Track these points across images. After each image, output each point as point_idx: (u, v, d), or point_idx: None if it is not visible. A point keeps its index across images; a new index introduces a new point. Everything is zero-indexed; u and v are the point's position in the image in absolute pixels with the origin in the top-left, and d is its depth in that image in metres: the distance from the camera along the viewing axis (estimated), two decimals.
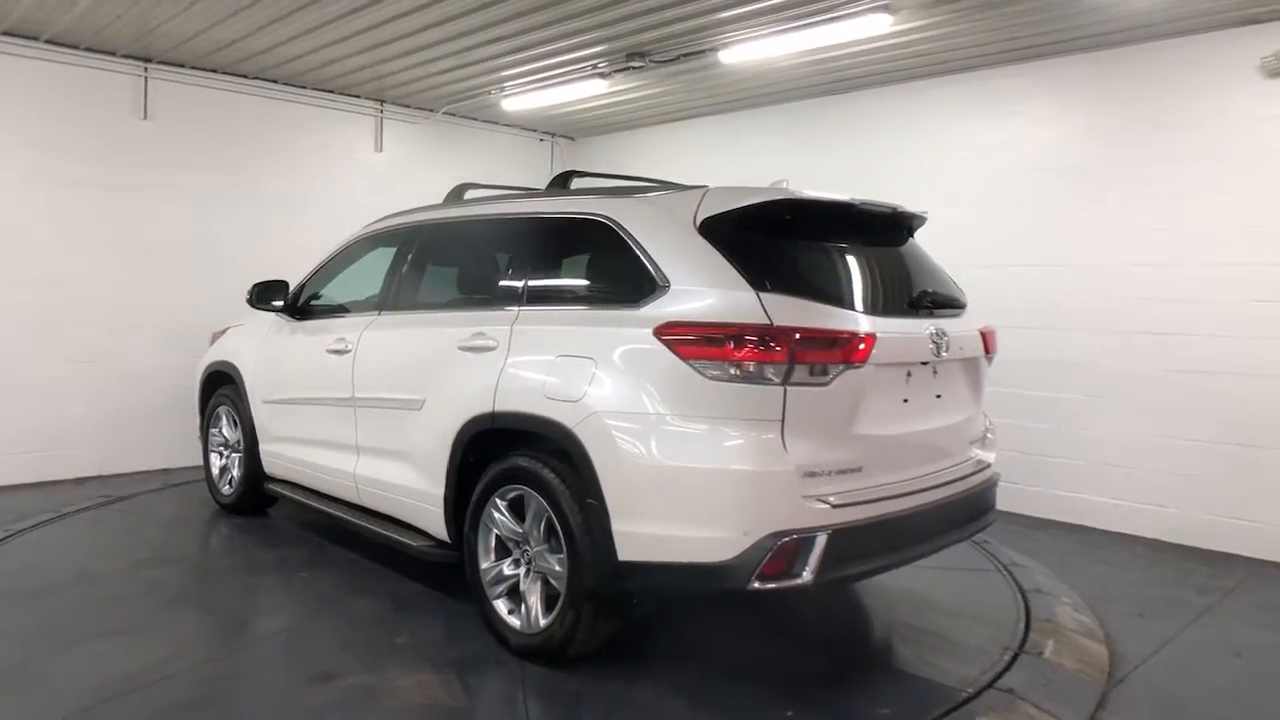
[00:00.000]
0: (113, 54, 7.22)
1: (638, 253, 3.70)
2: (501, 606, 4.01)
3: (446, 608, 4.51)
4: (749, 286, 3.38)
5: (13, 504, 6.27)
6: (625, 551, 3.46)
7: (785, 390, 3.27)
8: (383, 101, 8.87)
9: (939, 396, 3.92)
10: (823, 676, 3.89)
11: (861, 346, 3.38)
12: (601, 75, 7.51)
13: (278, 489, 5.66)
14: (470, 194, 5.25)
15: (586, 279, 4.13)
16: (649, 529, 3.42)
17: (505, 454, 3.98)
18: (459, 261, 4.83)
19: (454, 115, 9.25)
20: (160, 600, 4.52)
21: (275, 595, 4.80)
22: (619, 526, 3.47)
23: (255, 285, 5.47)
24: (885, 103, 7.76)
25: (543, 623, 3.81)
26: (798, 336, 3.26)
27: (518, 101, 8.42)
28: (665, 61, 7.08)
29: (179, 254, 7.62)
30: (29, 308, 6.96)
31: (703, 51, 6.80)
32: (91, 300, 7.22)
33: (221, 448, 6.24)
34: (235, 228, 7.90)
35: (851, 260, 3.85)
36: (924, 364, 3.74)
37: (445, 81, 7.98)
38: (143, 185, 7.43)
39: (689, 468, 3.34)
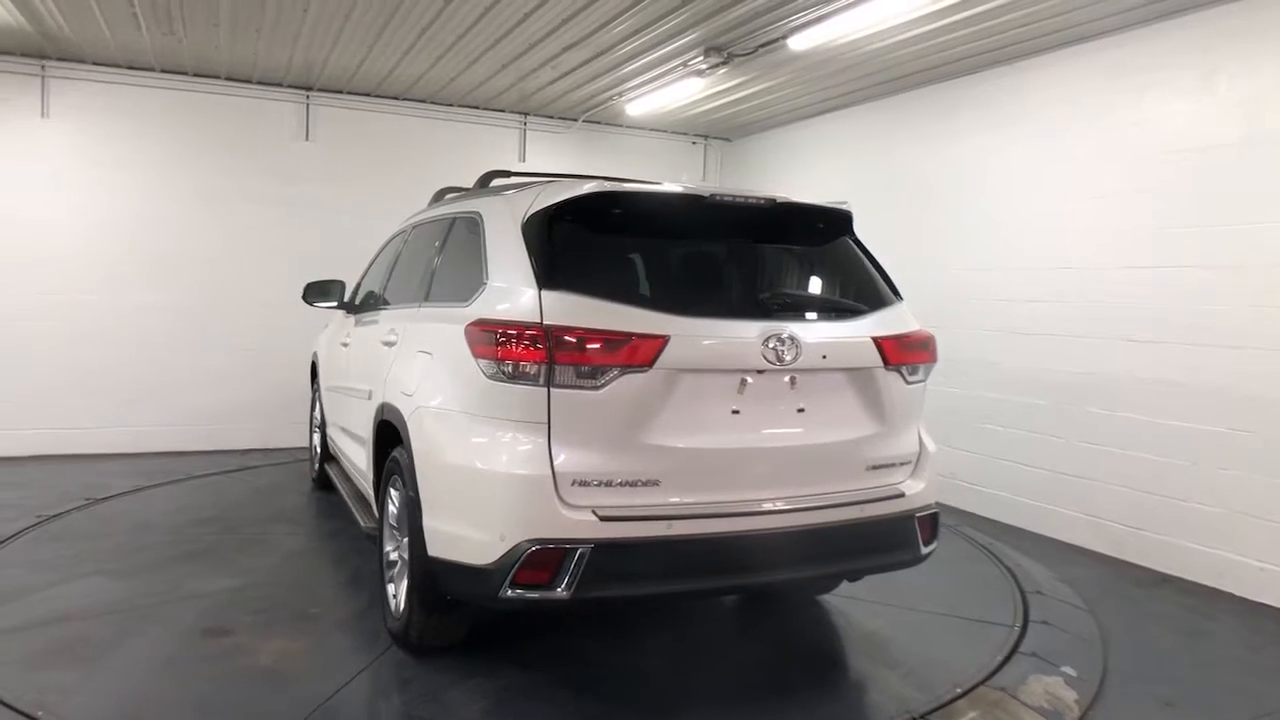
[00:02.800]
0: (279, 85, 8.37)
1: (480, 250, 3.70)
2: (390, 590, 4.17)
3: None
4: (535, 284, 3.25)
5: (170, 465, 7.52)
6: (432, 547, 3.47)
7: (549, 392, 3.11)
8: (526, 114, 9.38)
9: (801, 410, 3.46)
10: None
11: (640, 349, 3.11)
12: (697, 74, 7.39)
13: (330, 468, 6.28)
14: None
15: (453, 276, 4.17)
16: (444, 526, 3.41)
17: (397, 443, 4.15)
18: (409, 261, 5.07)
19: (597, 123, 9.53)
20: (180, 551, 5.25)
21: (260, 555, 5.29)
22: (426, 521, 3.49)
23: (307, 285, 6.10)
24: (1010, 81, 6.86)
25: (402, 610, 3.92)
26: (559, 336, 3.09)
27: (638, 106, 8.51)
28: (745, 55, 6.83)
29: (330, 259, 8.56)
30: (201, 306, 8.28)
31: (775, 40, 6.47)
32: (253, 299, 8.40)
33: (313, 430, 7.04)
34: (385, 235, 8.76)
35: (685, 257, 3.53)
36: (761, 373, 3.34)
37: (565, 89, 8.27)
38: (303, 199, 8.51)
39: (466, 466, 3.29)
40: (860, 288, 3.78)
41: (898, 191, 7.99)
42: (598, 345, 3.09)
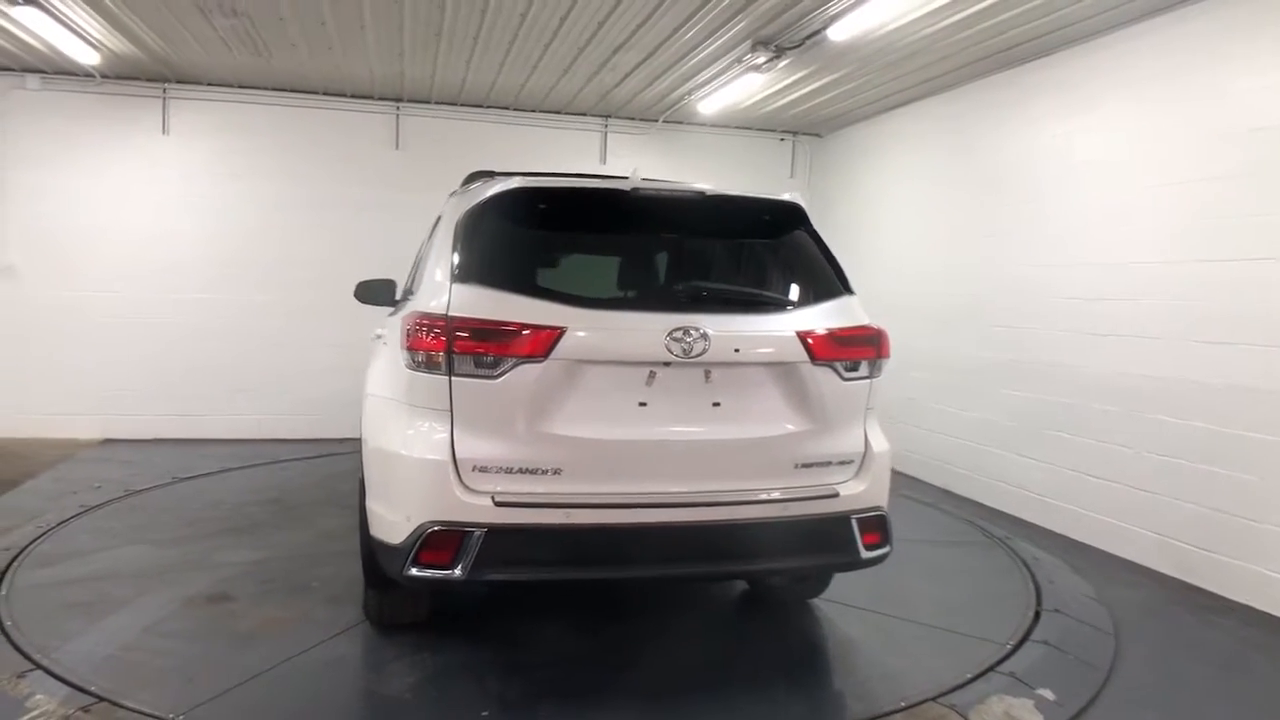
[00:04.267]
0: (370, 97, 8.94)
1: (434, 245, 3.87)
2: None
3: None
4: (450, 278, 3.39)
5: (264, 451, 8.20)
6: (371, 527, 3.66)
7: (450, 381, 3.23)
8: (607, 116, 9.55)
9: (716, 405, 3.41)
10: None
11: (534, 340, 3.18)
12: (755, 69, 7.32)
13: None
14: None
15: (418, 272, 4.34)
16: (375, 507, 3.58)
17: None
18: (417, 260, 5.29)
19: (679, 123, 9.58)
20: (226, 527, 5.75)
21: (296, 532, 5.70)
22: (368, 503, 3.68)
23: (358, 284, 6.46)
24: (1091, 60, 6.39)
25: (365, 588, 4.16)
26: (456, 328, 3.21)
27: (709, 105, 8.50)
28: (794, 47, 6.72)
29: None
30: (305, 305, 8.94)
31: (818, 32, 6.33)
32: (352, 298, 8.97)
33: None
34: None
35: (604, 250, 3.55)
36: (668, 365, 3.31)
37: (634, 91, 8.38)
38: (395, 204, 9.02)
39: (388, 450, 3.46)
40: (806, 281, 3.68)
41: (969, 185, 7.60)
42: (492, 336, 3.19)
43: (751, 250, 3.74)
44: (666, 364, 3.31)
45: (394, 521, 3.34)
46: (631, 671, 3.84)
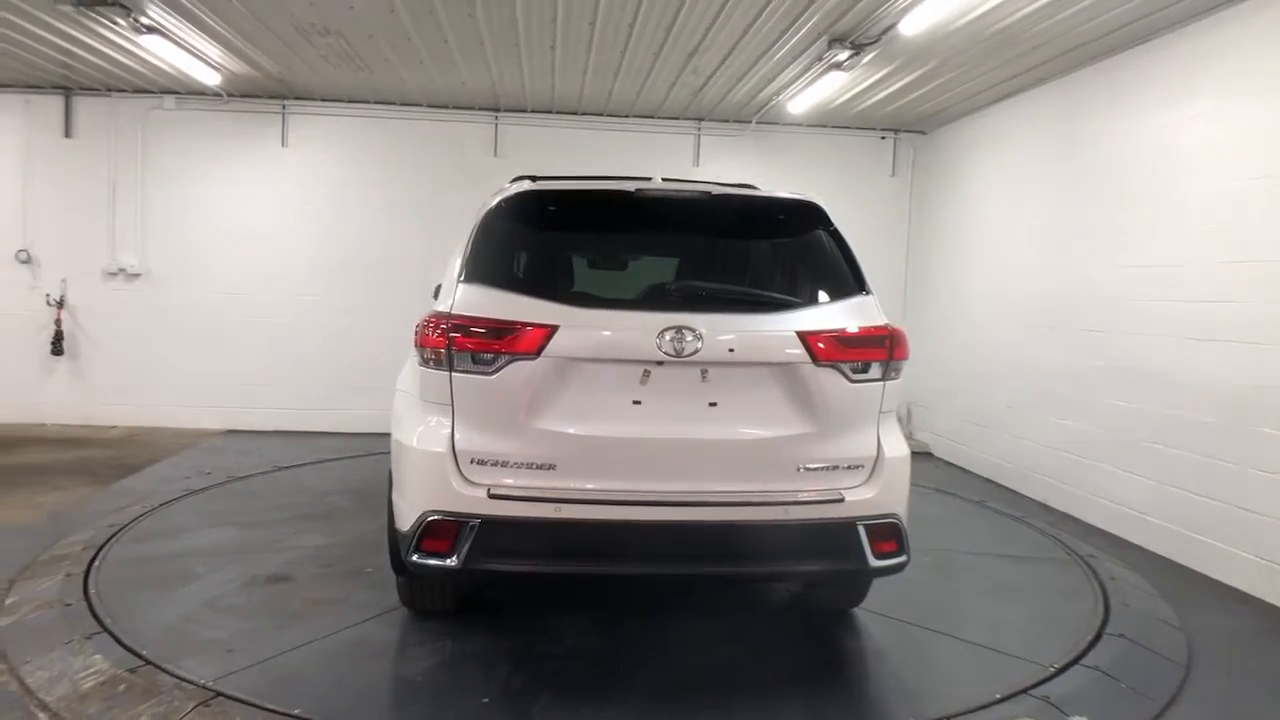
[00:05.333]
0: (470, 108, 9.31)
1: (459, 248, 4.02)
2: None
3: None
4: (459, 278, 3.52)
5: (366, 444, 8.64)
6: (395, 517, 3.85)
7: (451, 376, 3.36)
8: (700, 119, 9.56)
9: (713, 405, 3.39)
10: None
11: (526, 337, 3.26)
12: (836, 66, 7.17)
13: None
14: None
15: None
16: (394, 496, 3.77)
17: None
18: None
19: (773, 124, 9.47)
20: (306, 513, 6.12)
21: (366, 521, 5.85)
22: (392, 494, 3.86)
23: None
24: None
25: None
26: (454, 325, 3.33)
27: (798, 104, 8.38)
28: (871, 42, 6.56)
29: None
30: (409, 307, 9.33)
31: (892, 27, 6.17)
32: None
33: None
34: None
35: (605, 250, 3.58)
36: (662, 364, 3.32)
37: (721, 93, 8.37)
38: None
39: (403, 443, 3.62)
40: (818, 281, 3.60)
41: (1064, 182, 7.19)
42: (485, 333, 3.29)
43: (763, 249, 3.69)
44: (660, 363, 3.32)
45: (404, 510, 3.50)
46: (641, 671, 3.85)
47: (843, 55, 6.86)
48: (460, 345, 3.31)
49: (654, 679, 3.78)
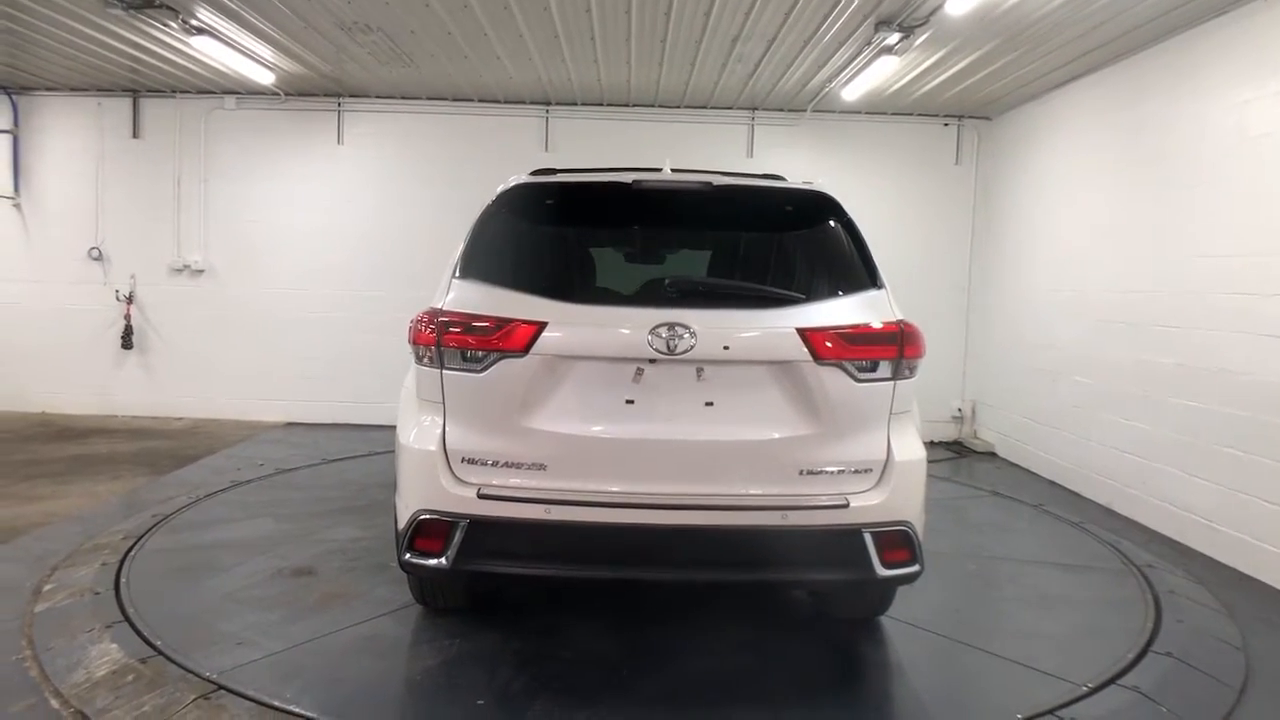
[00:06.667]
0: (520, 103, 9.30)
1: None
2: None
3: None
4: (454, 274, 3.47)
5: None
6: (396, 516, 3.83)
7: (442, 374, 3.31)
8: (754, 109, 9.34)
9: (709, 404, 3.25)
10: None
11: (513, 334, 3.18)
12: (887, 50, 6.90)
13: None
14: None
15: None
16: (395, 495, 3.75)
17: None
18: None
19: (830, 111, 9.20)
20: (343, 506, 6.19)
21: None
22: (396, 497, 3.85)
23: None
24: None
25: None
26: (444, 322, 3.27)
27: (852, 91, 8.11)
28: (919, 24, 6.28)
29: None
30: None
31: (938, 8, 5.89)
32: None
33: None
34: None
35: (600, 244, 3.47)
36: (654, 363, 3.20)
37: (771, 81, 8.16)
38: None
39: (398, 440, 3.59)
40: (825, 275, 3.43)
41: (1133, 168, 6.76)
42: (472, 330, 3.23)
43: (770, 242, 3.52)
44: (652, 361, 3.20)
45: (400, 509, 3.47)
46: (644, 678, 3.74)
47: (892, 39, 6.59)
48: (449, 342, 3.26)
49: (656, 686, 3.66)
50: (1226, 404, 5.64)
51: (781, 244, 3.55)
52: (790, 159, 9.20)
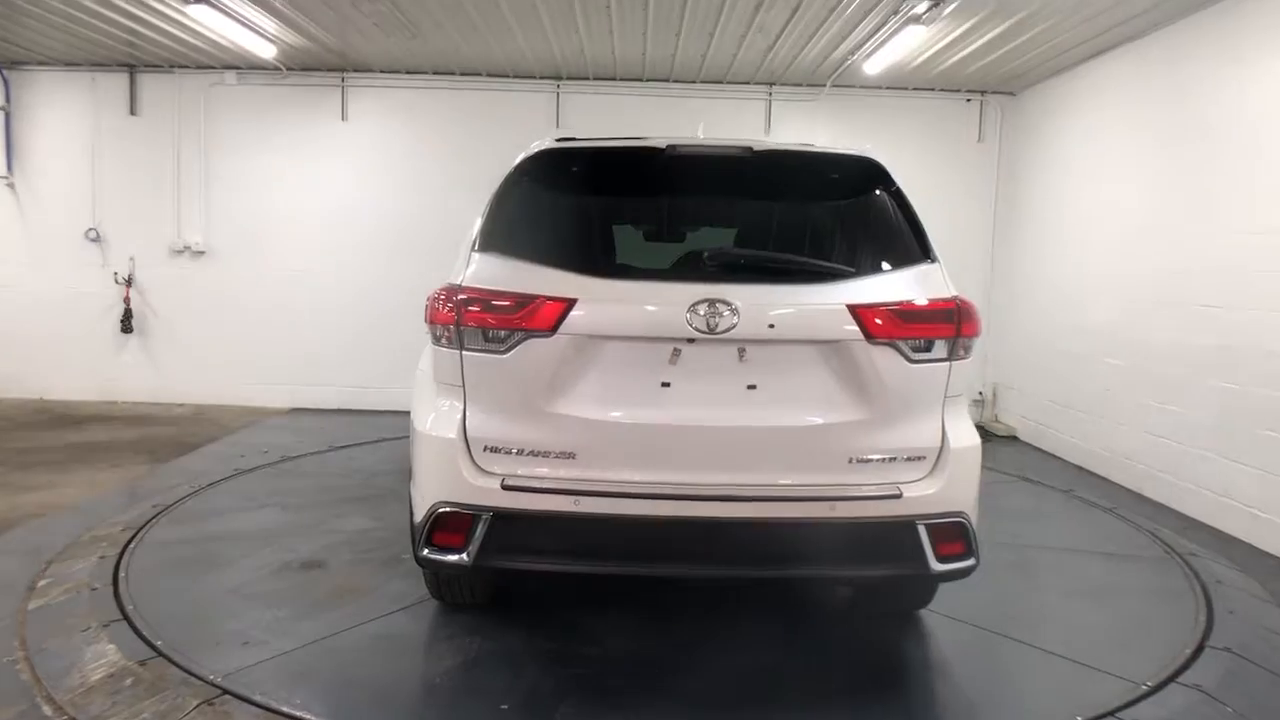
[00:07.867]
0: (531, 77, 9.01)
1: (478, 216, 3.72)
2: None
3: None
4: (473, 247, 3.22)
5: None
6: (412, 508, 3.60)
7: (461, 355, 3.07)
8: (771, 84, 9.06)
9: (752, 387, 3.01)
10: None
11: (540, 312, 2.93)
12: (914, 20, 6.62)
13: None
14: None
15: None
16: (411, 486, 3.51)
17: None
18: None
19: (850, 86, 8.91)
20: (353, 495, 5.96)
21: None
22: (411, 487, 3.61)
23: None
24: None
25: None
26: (464, 299, 3.03)
27: (874, 64, 7.83)
28: None
29: None
30: None
31: None
32: None
33: None
34: None
35: (633, 214, 3.22)
36: (693, 342, 2.95)
37: (791, 54, 7.88)
38: None
39: (413, 426, 3.35)
40: (875, 247, 3.18)
41: (1173, 141, 6.48)
42: (493, 307, 2.98)
43: (814, 213, 3.28)
44: (691, 340, 2.96)
45: (417, 501, 3.25)
46: (677, 677, 3.52)
47: (920, 7, 6.32)
48: (470, 321, 3.01)
49: (690, 686, 3.44)
50: (1273, 387, 5.40)
51: (827, 214, 3.31)
52: (808, 135, 8.89)
